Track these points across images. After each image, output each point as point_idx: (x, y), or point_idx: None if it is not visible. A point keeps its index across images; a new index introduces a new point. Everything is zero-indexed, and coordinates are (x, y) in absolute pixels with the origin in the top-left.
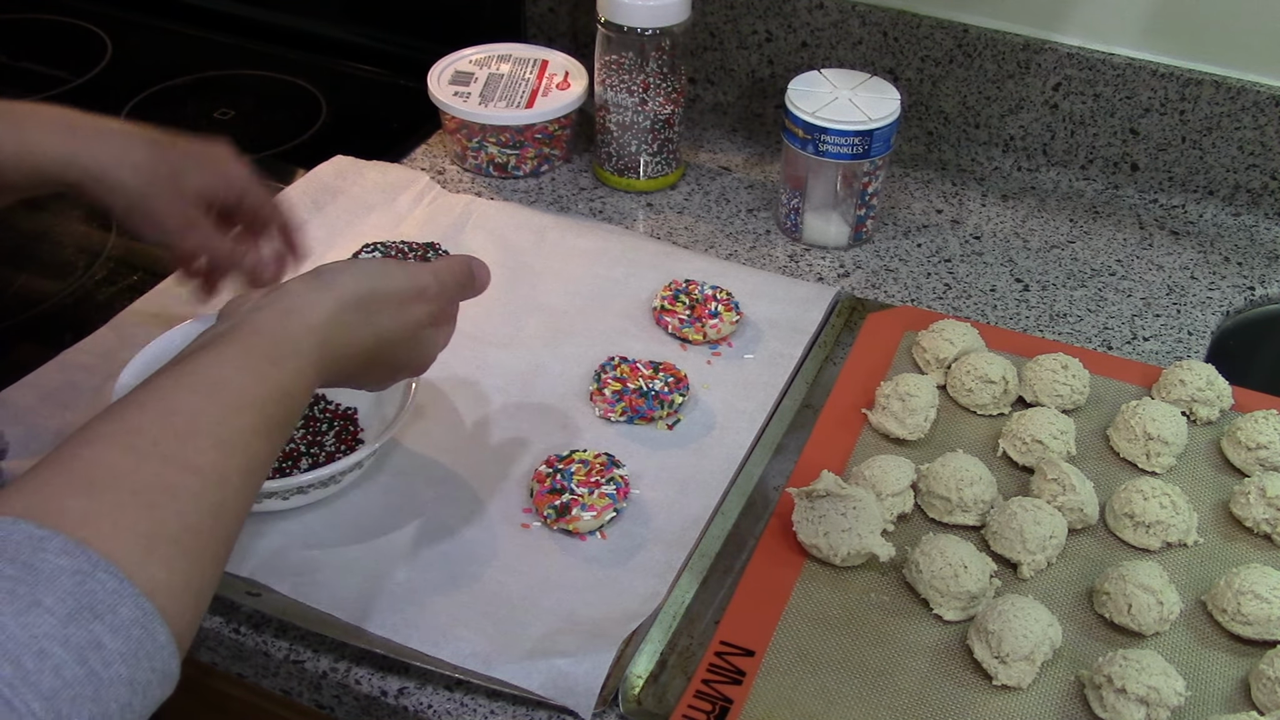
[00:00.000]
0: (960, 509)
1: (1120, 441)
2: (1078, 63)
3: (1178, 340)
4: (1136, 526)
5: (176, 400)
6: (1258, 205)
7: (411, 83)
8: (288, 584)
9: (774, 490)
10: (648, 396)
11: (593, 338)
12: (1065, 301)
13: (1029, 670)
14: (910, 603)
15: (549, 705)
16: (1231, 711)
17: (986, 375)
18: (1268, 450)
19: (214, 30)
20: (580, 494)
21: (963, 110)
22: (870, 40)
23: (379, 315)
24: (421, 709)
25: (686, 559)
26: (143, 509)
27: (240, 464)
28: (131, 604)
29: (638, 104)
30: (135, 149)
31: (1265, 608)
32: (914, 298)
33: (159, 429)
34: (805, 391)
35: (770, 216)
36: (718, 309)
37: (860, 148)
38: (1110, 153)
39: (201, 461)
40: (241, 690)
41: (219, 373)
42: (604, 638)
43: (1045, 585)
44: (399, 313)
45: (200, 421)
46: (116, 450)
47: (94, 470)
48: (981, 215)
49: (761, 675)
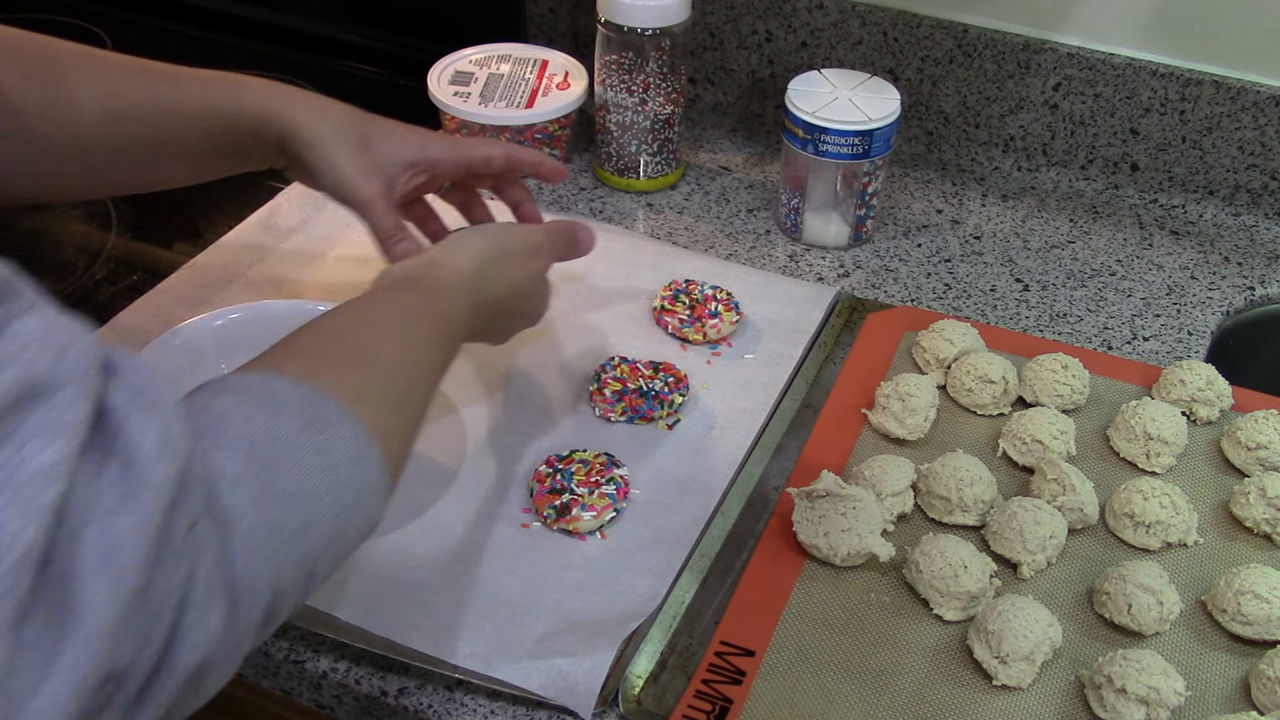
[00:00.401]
0: (960, 509)
1: (1120, 441)
2: (1078, 63)
3: (1178, 340)
4: (1136, 526)
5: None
6: (1258, 205)
7: (411, 83)
8: None
9: (774, 490)
10: (648, 396)
11: (593, 338)
12: (1065, 301)
13: (1029, 670)
14: (910, 603)
15: (549, 705)
16: (1231, 711)
17: (986, 375)
18: (1268, 450)
19: (214, 30)
20: (580, 494)
21: (963, 110)
22: (870, 40)
23: (510, 268)
24: (421, 709)
25: (686, 559)
26: (350, 370)
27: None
28: (350, 426)
29: (638, 104)
30: (333, 111)
31: (1265, 608)
32: (914, 298)
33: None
34: (805, 391)
35: (770, 216)
36: (718, 309)
37: (860, 148)
38: (1110, 153)
39: (393, 347)
40: (241, 690)
41: (395, 297)
42: (604, 638)
43: (1045, 585)
44: (524, 265)
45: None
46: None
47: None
48: (981, 215)
49: (761, 675)
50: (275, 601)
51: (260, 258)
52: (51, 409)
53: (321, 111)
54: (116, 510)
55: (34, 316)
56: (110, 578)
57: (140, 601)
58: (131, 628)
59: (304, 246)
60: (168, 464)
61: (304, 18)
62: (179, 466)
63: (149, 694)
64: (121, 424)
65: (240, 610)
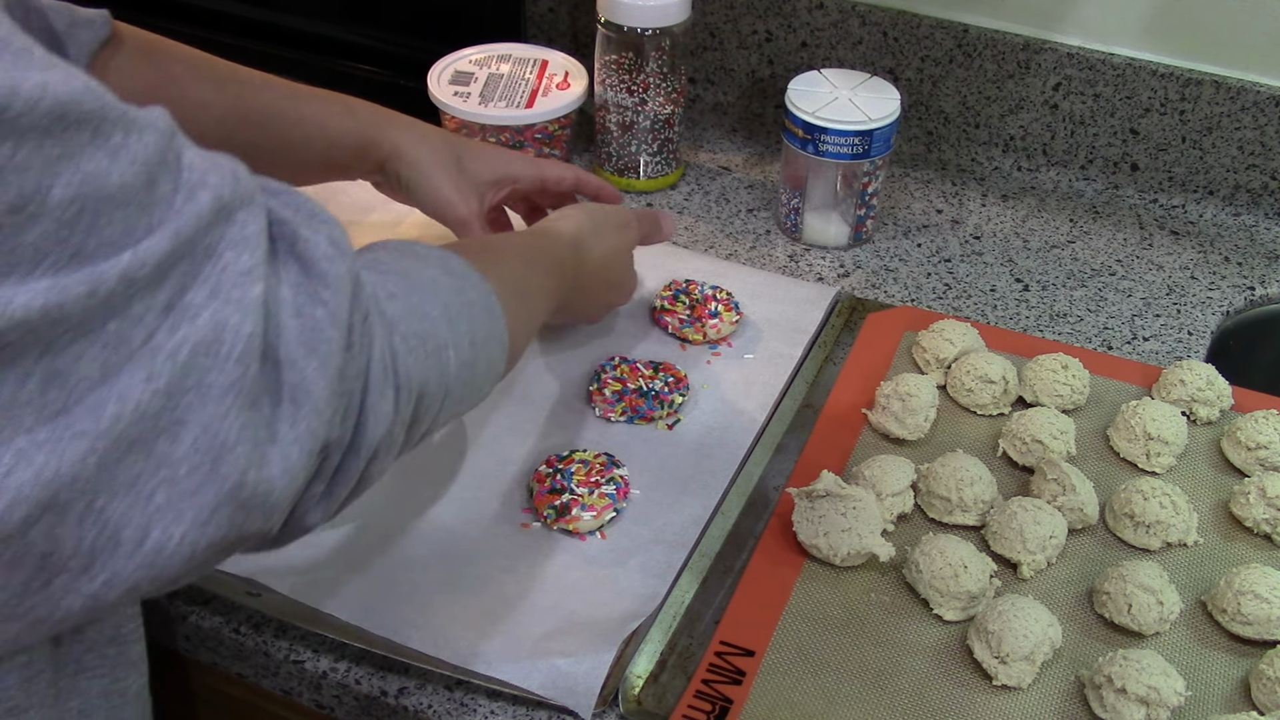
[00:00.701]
0: (960, 509)
1: (1120, 441)
2: (1078, 63)
3: (1178, 340)
4: (1136, 526)
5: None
6: (1258, 205)
7: (411, 83)
8: (287, 584)
9: (774, 490)
10: (648, 396)
11: (593, 338)
12: (1065, 301)
13: (1029, 670)
14: (910, 603)
15: (549, 705)
16: (1231, 711)
17: (986, 375)
18: (1268, 450)
19: (214, 30)
20: (580, 494)
21: (963, 110)
22: (870, 40)
23: (605, 237)
24: (421, 709)
25: (686, 559)
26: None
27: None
28: (481, 281)
29: (638, 104)
30: (431, 136)
31: (1265, 608)
32: (914, 298)
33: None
34: (805, 391)
35: (770, 216)
36: (718, 309)
37: (860, 148)
38: (1110, 153)
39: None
40: (241, 690)
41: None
42: (604, 638)
43: (1045, 585)
44: (617, 236)
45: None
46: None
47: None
48: (981, 215)
49: (761, 675)
50: (420, 406)
51: None
52: (235, 224)
53: (421, 136)
54: (309, 304)
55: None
56: (319, 360)
57: (340, 381)
58: (337, 403)
59: None
60: (340, 263)
61: (304, 18)
62: (349, 265)
63: (344, 468)
64: (296, 231)
65: (401, 397)
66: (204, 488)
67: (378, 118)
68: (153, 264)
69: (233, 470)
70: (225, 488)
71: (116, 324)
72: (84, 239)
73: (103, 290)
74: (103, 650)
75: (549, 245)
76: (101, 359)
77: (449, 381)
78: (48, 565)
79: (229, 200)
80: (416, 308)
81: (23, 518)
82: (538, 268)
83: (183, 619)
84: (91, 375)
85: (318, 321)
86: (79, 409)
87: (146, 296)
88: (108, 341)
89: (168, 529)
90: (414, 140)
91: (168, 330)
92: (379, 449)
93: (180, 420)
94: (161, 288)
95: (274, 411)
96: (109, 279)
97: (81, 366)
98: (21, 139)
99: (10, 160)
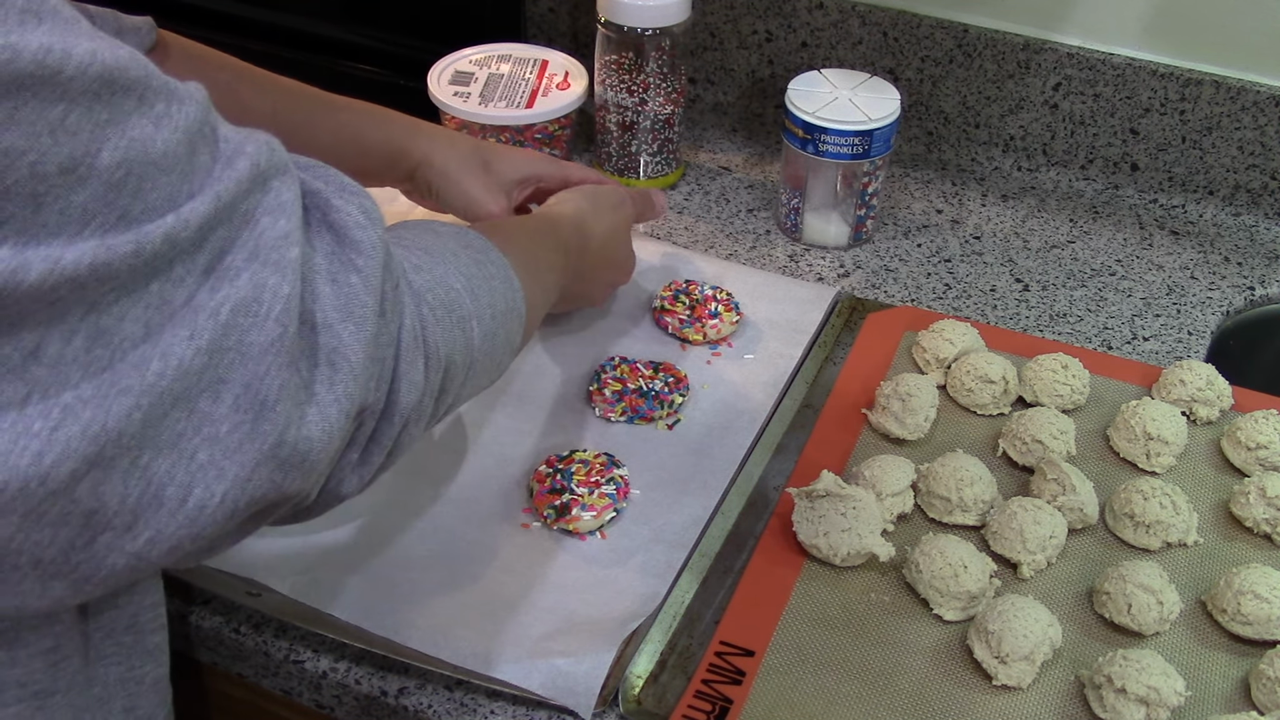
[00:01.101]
0: (960, 509)
1: (1120, 441)
2: (1078, 63)
3: (1178, 340)
4: (1136, 526)
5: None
6: (1258, 205)
7: (411, 83)
8: (287, 584)
9: (774, 490)
10: (648, 396)
11: (593, 338)
12: (1065, 301)
13: (1029, 670)
14: (910, 603)
15: (549, 705)
16: (1231, 711)
17: (986, 375)
18: (1268, 450)
19: (214, 30)
20: (580, 494)
21: (963, 110)
22: (870, 40)
23: (603, 216)
24: (421, 709)
25: (686, 559)
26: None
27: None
28: (496, 255)
29: (638, 104)
30: (460, 143)
31: (1265, 608)
32: (914, 298)
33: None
34: (805, 391)
35: (770, 216)
36: (718, 309)
37: (860, 148)
38: (1110, 153)
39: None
40: (241, 690)
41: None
42: (604, 638)
43: (1045, 585)
44: (615, 214)
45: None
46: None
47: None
48: (981, 215)
49: (761, 675)
50: (447, 376)
51: None
52: (270, 192)
53: (449, 143)
54: (344, 270)
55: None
56: (355, 325)
57: (375, 346)
58: (372, 368)
59: None
60: (373, 231)
61: (304, 18)
62: (381, 234)
63: (378, 434)
64: (328, 200)
65: (431, 365)
66: (245, 445)
67: (408, 128)
68: (195, 226)
69: (273, 428)
70: (266, 445)
71: (159, 284)
72: (130, 202)
73: (148, 250)
74: (119, 638)
75: (553, 227)
76: (145, 318)
77: (474, 352)
78: (92, 523)
79: (265, 168)
80: (441, 279)
81: (69, 472)
82: (546, 246)
83: (183, 619)
84: (135, 334)
85: (353, 288)
86: (123, 365)
87: (187, 259)
88: (150, 301)
89: (210, 487)
90: (442, 148)
91: (209, 290)
92: (410, 417)
93: (222, 379)
94: (202, 251)
95: (312, 373)
96: (154, 239)
97: (126, 325)
98: (73, 102)
99: (62, 123)
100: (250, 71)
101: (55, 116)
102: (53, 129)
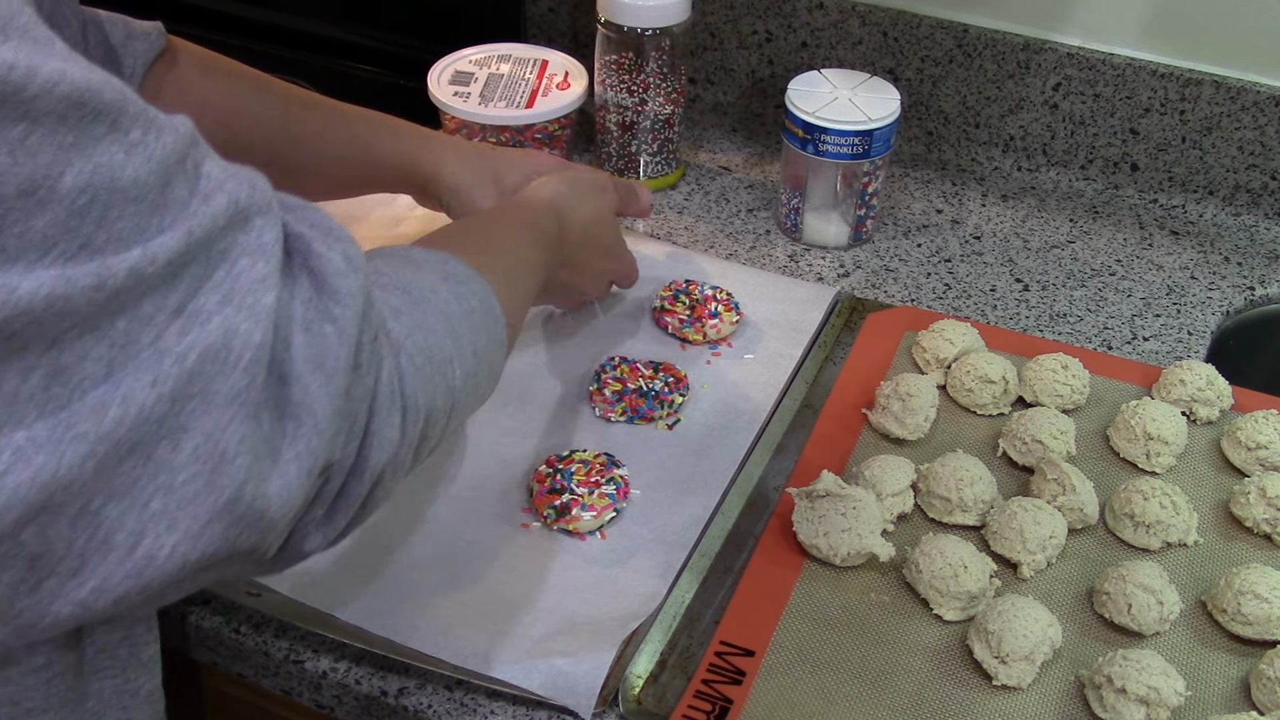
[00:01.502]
0: (960, 509)
1: (1120, 441)
2: (1078, 63)
3: (1178, 340)
4: (1136, 526)
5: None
6: (1258, 205)
7: (411, 83)
8: (287, 584)
9: (774, 490)
10: (648, 396)
11: (593, 338)
12: (1065, 301)
13: (1029, 670)
14: (910, 603)
15: (549, 705)
16: (1231, 711)
17: (986, 375)
18: (1268, 450)
19: (214, 30)
20: (580, 494)
21: (963, 110)
22: (870, 40)
23: (585, 198)
24: (421, 709)
25: (686, 559)
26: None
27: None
28: (478, 283)
29: (638, 104)
30: (470, 155)
31: (1265, 608)
32: (914, 298)
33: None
34: (805, 391)
35: (770, 216)
36: (718, 309)
37: (860, 148)
38: (1110, 153)
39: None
40: (241, 690)
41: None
42: (604, 638)
43: (1045, 585)
44: (597, 198)
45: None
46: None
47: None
48: (981, 215)
49: (761, 675)
50: (428, 424)
51: None
52: (251, 232)
53: (459, 157)
54: (319, 320)
55: (210, 159)
56: (324, 377)
57: (345, 401)
58: (340, 424)
59: None
60: (353, 279)
61: (304, 18)
62: (362, 283)
63: (345, 492)
64: (310, 245)
65: (409, 420)
66: (201, 497)
67: (419, 141)
68: (163, 262)
69: (230, 482)
70: (221, 500)
71: (125, 322)
72: (93, 230)
73: (110, 284)
74: (114, 651)
75: (531, 216)
76: (108, 358)
77: (455, 395)
78: (37, 566)
79: (245, 205)
80: (420, 323)
81: (16, 519)
82: (524, 241)
83: (183, 619)
84: (96, 374)
85: (326, 338)
86: (81, 407)
87: (158, 296)
88: (115, 340)
89: (160, 537)
90: (453, 162)
91: (177, 333)
92: (384, 473)
93: (183, 426)
94: (174, 289)
95: (275, 426)
96: (117, 273)
97: (87, 364)
98: (35, 122)
99: (22, 142)
100: (260, 79)
101: (15, 135)
102: (12, 148)
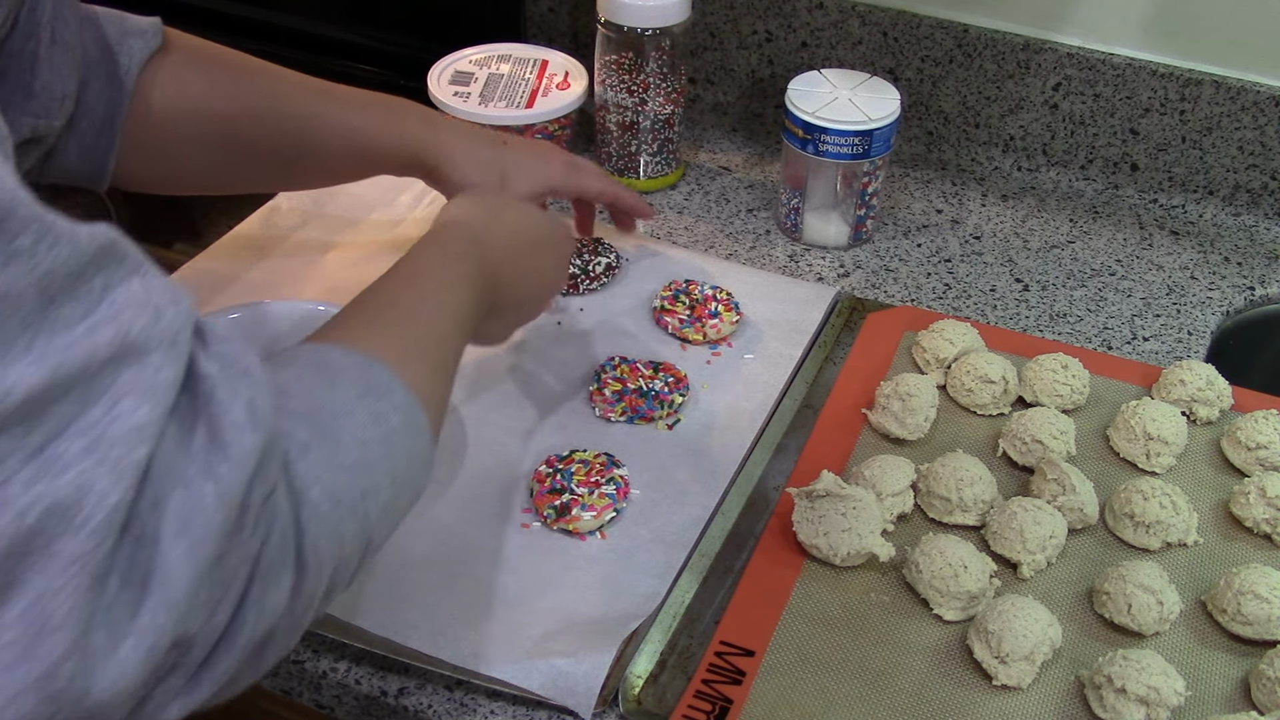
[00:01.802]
0: (960, 509)
1: (1120, 441)
2: (1078, 63)
3: (1178, 340)
4: (1136, 526)
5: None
6: (1258, 205)
7: (411, 83)
8: None
9: (774, 490)
10: (648, 396)
11: (593, 338)
12: (1065, 301)
13: (1029, 670)
14: (910, 603)
15: (549, 705)
16: (1231, 711)
17: (986, 375)
18: (1268, 450)
19: (214, 30)
20: (580, 494)
21: (963, 110)
22: (870, 40)
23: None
24: (421, 709)
25: (686, 559)
26: (389, 335)
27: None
28: (401, 392)
29: (638, 104)
30: (481, 146)
31: (1265, 608)
32: (914, 298)
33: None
34: (805, 391)
35: (770, 216)
36: (718, 309)
37: (860, 148)
38: (1110, 153)
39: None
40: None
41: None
42: (604, 638)
43: (1045, 585)
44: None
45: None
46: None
47: (346, 319)
48: (981, 215)
49: (761, 675)
50: (337, 572)
51: (260, 258)
52: (144, 369)
53: (466, 150)
54: (200, 476)
55: (136, 280)
56: (189, 544)
57: (215, 569)
58: (204, 595)
59: (304, 246)
60: (253, 434)
61: (304, 18)
62: (263, 438)
63: (213, 661)
64: (212, 391)
65: (306, 580)
66: (18, 664)
67: (423, 130)
68: (20, 396)
69: (49, 655)
70: (34, 673)
71: None
72: None
73: None
74: None
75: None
76: None
77: (370, 532)
78: None
79: (139, 338)
80: (332, 457)
81: None
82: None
83: None
84: None
85: (202, 500)
86: None
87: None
88: None
89: None
90: (460, 155)
91: (24, 482)
92: (270, 638)
93: (17, 581)
94: (36, 426)
95: (121, 595)
96: None
97: None
98: None
99: None
100: (261, 70)
101: None
102: None
